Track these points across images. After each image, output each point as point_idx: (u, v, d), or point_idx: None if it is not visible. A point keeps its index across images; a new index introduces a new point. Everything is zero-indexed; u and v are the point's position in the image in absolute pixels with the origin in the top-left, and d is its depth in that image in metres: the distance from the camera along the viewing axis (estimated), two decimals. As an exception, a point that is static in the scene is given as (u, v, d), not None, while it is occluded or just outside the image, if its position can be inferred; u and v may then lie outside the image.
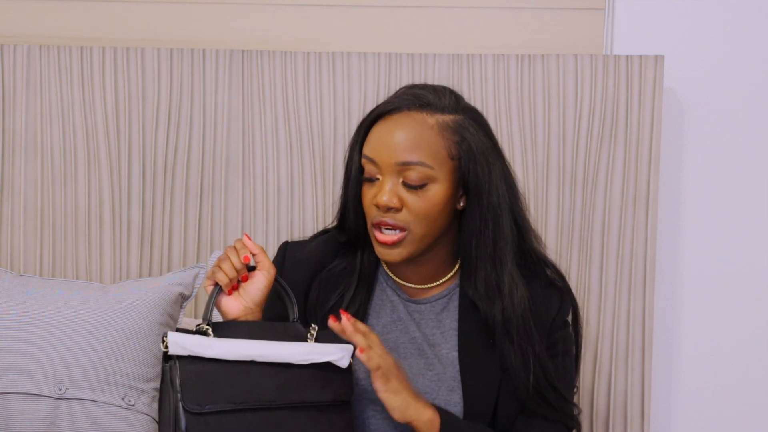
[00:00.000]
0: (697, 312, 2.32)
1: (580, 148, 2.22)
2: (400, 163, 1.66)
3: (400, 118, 1.69)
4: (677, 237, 2.31)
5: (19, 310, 2.03)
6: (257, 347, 1.58)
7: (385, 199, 1.66)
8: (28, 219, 2.30)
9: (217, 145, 2.27)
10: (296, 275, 1.79)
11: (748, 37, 2.29)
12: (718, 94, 2.29)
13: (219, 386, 1.56)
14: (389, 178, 1.68)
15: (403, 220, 1.67)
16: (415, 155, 1.66)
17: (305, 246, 1.84)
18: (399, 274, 1.79)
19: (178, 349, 1.57)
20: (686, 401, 2.33)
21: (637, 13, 2.29)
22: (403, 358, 1.74)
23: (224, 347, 1.57)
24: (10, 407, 1.95)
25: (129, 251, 2.28)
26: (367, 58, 2.25)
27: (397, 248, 1.69)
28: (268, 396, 1.57)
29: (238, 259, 1.68)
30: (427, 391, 1.72)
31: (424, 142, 1.67)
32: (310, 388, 1.60)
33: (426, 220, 1.68)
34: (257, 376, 1.58)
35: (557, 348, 1.77)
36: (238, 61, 2.26)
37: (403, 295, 1.79)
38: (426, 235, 1.70)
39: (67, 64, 2.28)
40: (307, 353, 1.60)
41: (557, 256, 2.22)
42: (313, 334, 1.65)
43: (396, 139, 1.67)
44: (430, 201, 1.67)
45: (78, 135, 2.28)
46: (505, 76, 2.23)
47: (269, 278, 1.70)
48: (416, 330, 1.77)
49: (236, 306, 1.69)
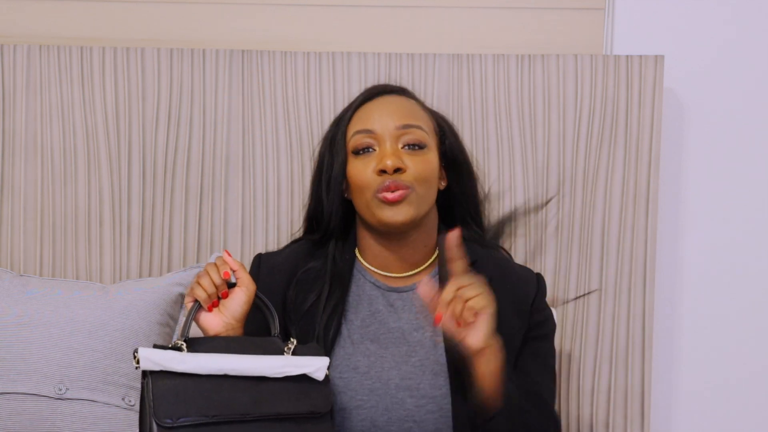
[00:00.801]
0: (697, 312, 2.32)
1: (580, 148, 2.22)
2: (401, 126, 1.76)
3: (386, 98, 1.82)
4: (677, 237, 2.31)
5: (18, 310, 2.03)
6: (230, 361, 1.58)
7: (390, 162, 1.72)
8: (28, 219, 2.30)
9: (217, 145, 2.27)
10: (272, 280, 1.81)
11: (748, 37, 2.29)
12: (718, 94, 2.29)
13: (192, 400, 1.56)
14: (388, 143, 1.75)
15: (408, 180, 1.73)
16: (414, 120, 1.78)
17: (278, 254, 1.88)
18: (380, 264, 1.81)
19: (149, 364, 1.57)
20: (686, 401, 2.33)
21: (637, 13, 2.29)
22: (384, 348, 1.76)
23: (196, 361, 1.58)
24: (10, 407, 1.96)
25: (129, 251, 2.28)
26: (367, 58, 2.25)
27: (406, 204, 1.73)
28: (242, 409, 1.57)
29: (218, 275, 1.69)
30: (412, 377, 1.73)
31: (416, 112, 1.80)
32: (285, 401, 1.60)
33: (426, 183, 1.75)
34: (231, 389, 1.58)
35: (537, 331, 1.80)
36: (238, 61, 2.26)
37: (383, 286, 1.81)
38: (425, 197, 1.76)
39: (67, 64, 2.28)
40: (282, 366, 1.61)
41: (557, 256, 2.23)
42: (291, 348, 1.65)
43: (394, 106, 1.79)
44: (428, 164, 1.76)
45: (78, 135, 2.28)
46: (505, 76, 2.23)
47: (249, 294, 1.70)
48: (397, 319, 1.79)
49: (217, 322, 1.70)
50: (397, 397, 1.72)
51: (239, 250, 2.27)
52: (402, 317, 1.79)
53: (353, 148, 1.78)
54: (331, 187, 1.80)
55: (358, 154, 1.77)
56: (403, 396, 1.73)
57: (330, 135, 1.84)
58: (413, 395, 1.73)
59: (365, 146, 1.76)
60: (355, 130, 1.78)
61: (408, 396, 1.73)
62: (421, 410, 1.72)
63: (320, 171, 1.84)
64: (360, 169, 1.76)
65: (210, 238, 2.29)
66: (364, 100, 1.82)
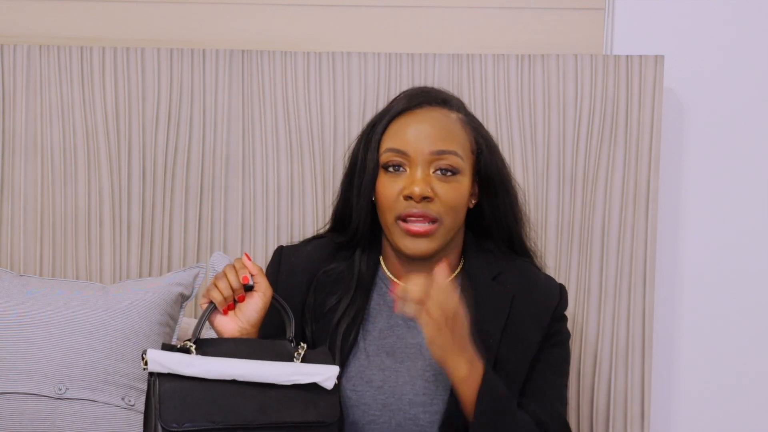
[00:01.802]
0: (696, 312, 2.32)
1: (580, 148, 2.22)
2: (435, 152, 1.69)
3: (426, 111, 1.73)
4: (677, 237, 2.31)
5: (19, 310, 2.03)
6: (239, 366, 1.57)
7: (419, 190, 1.67)
8: (28, 219, 2.30)
9: (217, 145, 2.27)
10: (292, 280, 1.78)
11: (748, 37, 2.29)
12: (718, 94, 2.29)
13: (198, 405, 1.55)
14: (420, 168, 1.69)
15: (436, 210, 1.68)
16: (449, 144, 1.70)
17: (300, 250, 1.83)
18: (403, 276, 1.77)
19: (157, 366, 1.55)
20: (686, 401, 2.33)
21: (637, 13, 2.29)
22: (400, 362, 1.74)
23: (205, 366, 1.56)
24: (10, 407, 1.96)
25: (129, 251, 2.28)
26: (367, 58, 2.25)
27: (427, 239, 1.69)
28: (248, 416, 1.56)
29: (236, 279, 1.66)
30: (426, 392, 1.71)
31: (454, 133, 1.72)
32: (292, 408, 1.58)
33: (454, 211, 1.70)
34: (238, 395, 1.56)
35: (554, 339, 1.78)
36: (238, 61, 2.26)
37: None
38: (452, 228, 1.72)
39: (67, 64, 2.28)
40: (291, 374, 1.59)
41: (557, 256, 2.22)
42: (301, 353, 1.63)
43: (429, 129, 1.70)
44: (458, 192, 1.70)
45: (78, 135, 2.28)
46: (505, 76, 2.23)
47: (266, 300, 1.68)
48: (416, 334, 1.75)
49: (232, 326, 1.68)
50: (411, 413, 1.70)
51: (239, 250, 2.27)
52: (420, 332, 1.72)
53: (384, 163, 1.72)
54: (362, 194, 1.75)
55: (388, 170, 1.71)
56: (416, 412, 1.70)
57: (365, 137, 1.76)
58: (427, 411, 1.71)
59: (396, 164, 1.70)
60: (388, 147, 1.71)
61: (422, 412, 1.70)
62: (434, 426, 1.70)
63: (352, 172, 1.77)
64: (387, 187, 1.70)
65: (210, 238, 2.29)
66: (404, 109, 1.74)
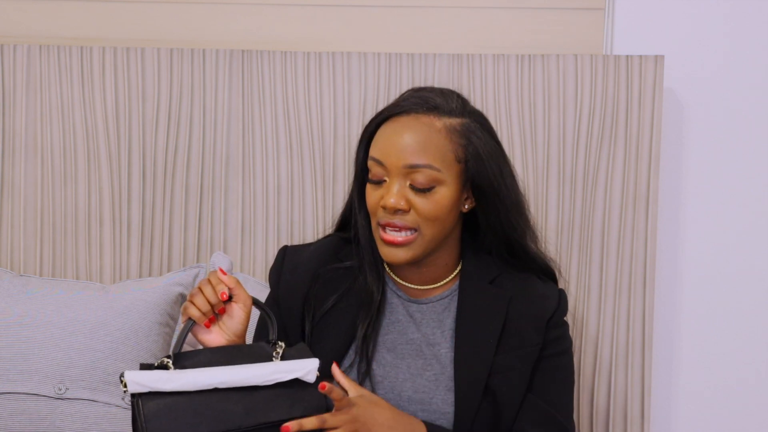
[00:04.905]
0: (696, 312, 2.32)
1: (580, 148, 2.23)
2: (408, 166, 1.67)
3: (408, 120, 1.70)
4: (677, 237, 2.31)
5: (19, 310, 2.03)
6: (218, 374, 1.57)
7: (392, 201, 1.67)
8: (28, 219, 2.30)
9: (217, 145, 2.27)
10: (294, 278, 1.79)
11: (748, 37, 2.29)
12: (718, 94, 2.29)
13: (184, 418, 1.54)
14: (396, 180, 1.68)
15: (412, 221, 1.68)
16: (423, 158, 1.67)
17: (304, 249, 1.84)
18: (401, 275, 1.79)
19: (136, 387, 1.55)
20: (686, 401, 2.33)
21: (637, 13, 2.29)
22: (401, 359, 1.74)
23: (184, 379, 1.56)
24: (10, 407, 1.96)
25: (129, 251, 2.28)
26: (367, 58, 2.25)
27: (404, 249, 1.69)
28: (235, 420, 1.56)
29: (213, 293, 1.65)
30: (425, 391, 1.72)
31: (432, 145, 1.68)
32: (278, 407, 1.58)
33: (435, 222, 1.69)
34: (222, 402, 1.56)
35: (553, 348, 1.77)
36: (238, 61, 2.26)
37: (403, 296, 1.79)
38: (434, 237, 1.70)
39: (67, 64, 2.28)
40: (272, 373, 1.58)
41: (557, 256, 2.22)
42: (279, 353, 1.63)
43: (404, 142, 1.68)
44: (437, 203, 1.69)
45: (78, 135, 2.28)
46: (505, 76, 2.23)
47: (246, 311, 1.68)
48: (416, 331, 1.77)
49: (219, 339, 1.67)
50: (409, 410, 1.71)
51: (239, 250, 2.27)
52: (421, 329, 1.76)
53: (368, 172, 1.73)
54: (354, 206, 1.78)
55: (371, 181, 1.72)
56: (414, 409, 1.71)
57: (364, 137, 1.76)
58: (425, 409, 1.71)
59: (377, 177, 1.70)
60: (371, 155, 1.71)
61: (420, 410, 1.71)
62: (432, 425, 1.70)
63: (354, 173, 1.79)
64: (370, 195, 1.72)
65: (210, 238, 2.29)
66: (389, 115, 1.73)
